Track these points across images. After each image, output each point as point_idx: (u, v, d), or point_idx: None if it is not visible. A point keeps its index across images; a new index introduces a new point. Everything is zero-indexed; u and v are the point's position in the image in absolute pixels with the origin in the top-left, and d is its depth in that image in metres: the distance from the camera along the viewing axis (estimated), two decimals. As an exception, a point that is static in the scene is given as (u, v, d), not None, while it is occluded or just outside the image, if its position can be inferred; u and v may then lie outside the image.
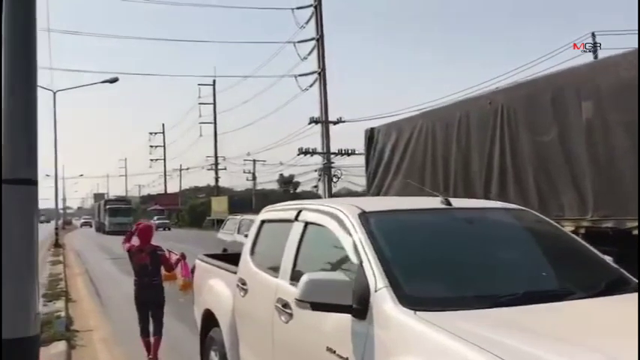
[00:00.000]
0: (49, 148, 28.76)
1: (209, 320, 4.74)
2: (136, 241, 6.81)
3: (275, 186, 67.11)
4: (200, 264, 5.46)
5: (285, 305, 3.25)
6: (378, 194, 7.65)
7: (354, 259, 2.77)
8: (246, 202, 60.92)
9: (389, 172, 7.39)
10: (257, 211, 19.33)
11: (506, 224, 3.17)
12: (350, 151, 33.94)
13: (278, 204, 4.42)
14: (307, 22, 32.78)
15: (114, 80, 27.10)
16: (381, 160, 7.59)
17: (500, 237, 3.06)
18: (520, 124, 5.33)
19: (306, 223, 3.46)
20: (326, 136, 33.35)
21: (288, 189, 63.48)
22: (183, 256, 7.10)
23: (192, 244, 29.37)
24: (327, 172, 33.45)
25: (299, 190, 63.61)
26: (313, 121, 33.15)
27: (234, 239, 14.54)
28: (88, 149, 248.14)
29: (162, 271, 6.76)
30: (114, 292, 12.71)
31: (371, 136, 7.88)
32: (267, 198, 63.55)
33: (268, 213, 4.32)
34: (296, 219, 3.57)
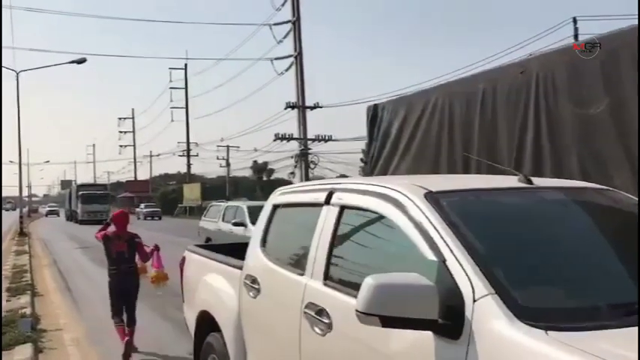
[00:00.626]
0: (13, 132, 27.21)
1: (206, 324, 3.96)
2: (111, 227, 6.66)
3: (248, 173, 66.06)
4: (191, 256, 4.65)
5: (320, 312, 2.51)
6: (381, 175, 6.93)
7: (427, 255, 2.03)
8: (220, 189, 59.82)
9: (396, 152, 6.65)
10: (231, 199, 18.25)
11: (604, 208, 2.48)
12: (327, 137, 33.35)
13: (295, 184, 3.64)
14: (283, 5, 31.77)
15: (81, 61, 25.68)
16: (387, 140, 6.84)
17: (604, 224, 2.37)
18: (560, 95, 4.65)
19: (342, 208, 2.70)
20: (302, 121, 32.56)
21: (261, 176, 62.50)
22: (156, 247, 6.81)
23: (172, 233, 28.27)
24: (303, 158, 32.68)
25: (273, 177, 62.70)
26: (289, 106, 32.32)
27: (219, 228, 13.67)
28: (54, 134, 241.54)
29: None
30: (85, 285, 11.76)
31: (374, 113, 7.12)
32: (238, 186, 62.68)
33: (283, 196, 3.53)
34: (327, 202, 2.82)
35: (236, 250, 4.36)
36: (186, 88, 52.29)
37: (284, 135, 33.45)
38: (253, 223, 12.16)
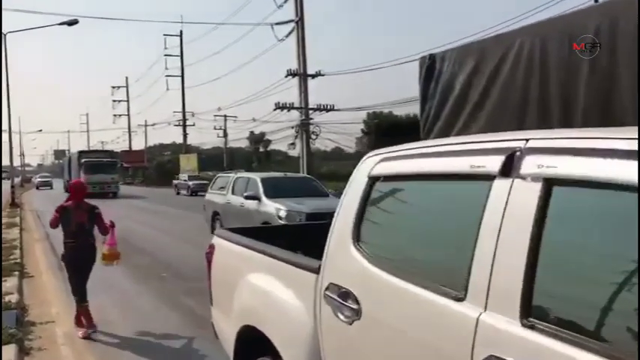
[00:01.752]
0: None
1: (253, 345, 2.74)
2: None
3: (245, 144, 64.57)
4: (224, 245, 3.39)
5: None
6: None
7: None
8: (216, 159, 58.34)
9: (462, 110, 5.31)
10: (229, 170, 16.54)
11: None
12: (329, 107, 31.95)
13: (410, 144, 2.28)
14: (284, -34, 29.96)
15: (73, 22, 23.93)
16: (448, 96, 5.47)
17: None
18: None
19: (550, 182, 1.45)
20: (304, 90, 31.11)
21: (258, 147, 61.05)
22: (112, 224, 6.41)
23: (174, 205, 26.99)
24: (304, 128, 31.31)
25: (270, 148, 61.28)
26: (290, 73, 30.81)
27: (228, 201, 12.38)
28: (47, 103, 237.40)
29: None
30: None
31: (430, 65, 5.74)
32: (234, 156, 61.22)
33: (388, 163, 2.21)
34: (505, 172, 1.56)
35: (273, 235, 3.16)
36: (181, 55, 50.31)
37: (284, 104, 32.01)
38: (268, 196, 10.95)
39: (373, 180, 2.21)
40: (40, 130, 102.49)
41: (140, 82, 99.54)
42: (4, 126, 26.77)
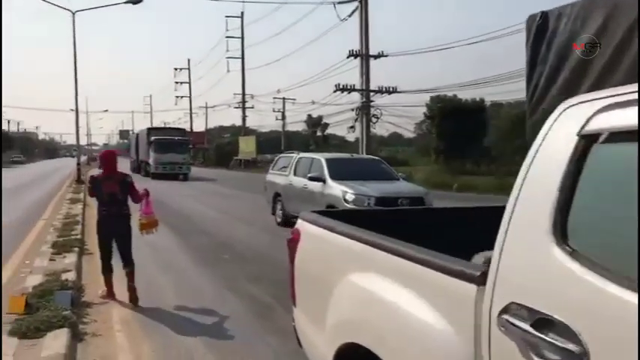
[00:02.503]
0: (71, 79, 25.86)
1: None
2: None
3: (301, 127, 64.13)
4: (316, 233, 2.61)
5: None
6: (551, 111, 4.57)
7: None
8: (273, 142, 58.20)
9: (584, 76, 4.27)
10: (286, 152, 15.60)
11: None
12: (392, 89, 30.81)
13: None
14: (349, -58, 28.87)
15: (137, 1, 23.88)
16: (564, 60, 4.43)
17: None
18: None
19: None
20: (365, 71, 30.09)
21: (315, 130, 60.42)
22: (147, 192, 6.37)
23: (235, 187, 26.74)
24: (365, 111, 30.33)
25: (327, 132, 60.58)
26: (352, 54, 29.84)
27: (290, 182, 11.71)
28: (112, 84, 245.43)
29: None
30: (142, 242, 10.17)
31: (542, 24, 4.74)
32: (291, 140, 60.83)
33: (618, 112, 1.32)
34: None
35: (369, 221, 2.38)
36: (242, 36, 50.06)
37: (345, 86, 31.10)
38: (333, 177, 10.20)
39: (589, 140, 1.36)
40: (106, 110, 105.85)
41: (202, 64, 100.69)
42: (74, 107, 27.17)
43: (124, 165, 46.57)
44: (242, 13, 50.25)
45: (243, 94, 49.66)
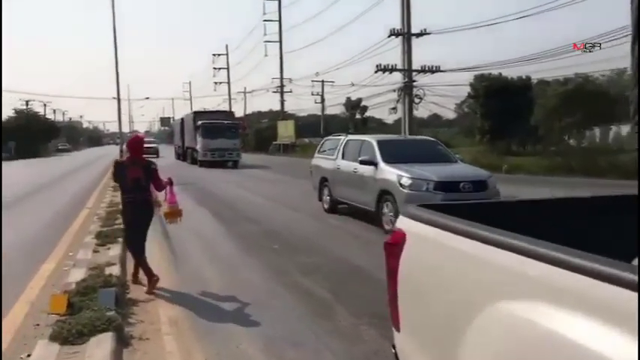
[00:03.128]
0: (111, 67, 25.76)
1: None
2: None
3: (339, 111, 63.17)
4: (435, 236, 1.95)
5: None
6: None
7: None
8: (311, 126, 57.53)
9: None
10: (326, 136, 14.91)
11: None
12: (435, 68, 29.66)
13: None
14: None
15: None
16: None
17: None
18: None
19: None
20: (408, 50, 29.08)
21: (354, 113, 59.42)
22: (170, 181, 6.36)
23: (277, 171, 26.30)
24: (408, 91, 29.33)
25: (366, 115, 59.48)
26: (393, 33, 28.84)
27: (337, 166, 11.08)
28: (152, 71, 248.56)
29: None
30: (185, 232, 9.78)
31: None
32: (329, 123, 60.04)
33: None
34: None
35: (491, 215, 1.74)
36: (279, 19, 49.38)
37: (386, 66, 30.11)
38: (386, 161, 9.51)
39: None
40: (148, 98, 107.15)
41: (240, 49, 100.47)
42: (116, 95, 27.15)
43: (166, 152, 45.22)
44: (279, -5, 49.46)
45: (282, 78, 49.14)
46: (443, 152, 10.19)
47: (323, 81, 47.56)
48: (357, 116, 59.90)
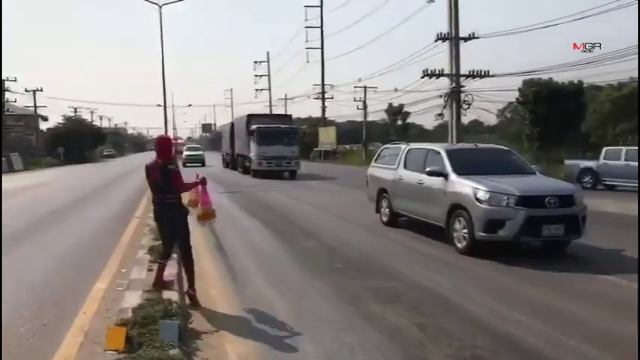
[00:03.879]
0: (155, 74, 25.68)
1: None
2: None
3: (378, 117, 62.20)
4: None
5: None
6: None
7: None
8: (351, 133, 56.72)
9: None
10: (367, 143, 13.67)
11: None
12: (483, 73, 28.52)
13: None
14: None
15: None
16: None
17: None
18: None
19: None
20: (456, 54, 27.99)
21: (396, 119, 58.37)
22: (203, 181, 6.10)
23: (323, 179, 25.57)
24: (455, 97, 28.27)
25: (412, 120, 58.38)
26: (440, 37, 27.84)
27: (399, 176, 10.27)
28: (195, 78, 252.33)
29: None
30: (239, 242, 9.15)
31: None
32: (369, 130, 59.19)
33: None
34: None
35: None
36: (321, 25, 48.93)
37: (433, 71, 29.12)
38: (458, 172, 8.65)
39: None
40: (190, 105, 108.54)
41: (281, 56, 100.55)
42: (160, 102, 27.07)
43: (212, 160, 43.81)
44: (321, 1, 49.05)
45: (323, 84, 48.62)
46: (518, 163, 9.26)
47: (365, 87, 46.74)
48: (399, 122, 58.85)
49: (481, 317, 5.20)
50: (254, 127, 27.45)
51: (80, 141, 57.42)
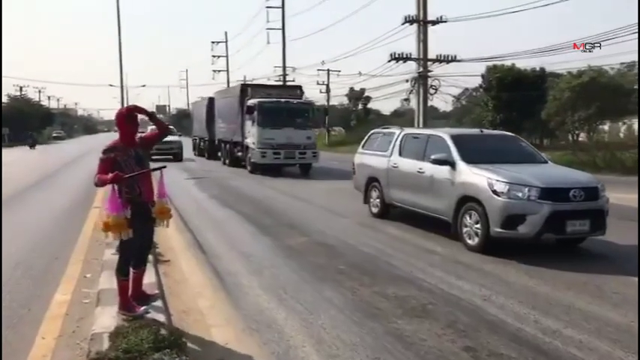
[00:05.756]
0: (111, 54, 23.78)
1: None
2: None
3: (340, 101, 61.24)
4: None
5: None
6: None
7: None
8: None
9: None
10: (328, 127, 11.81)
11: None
12: (450, 57, 27.95)
13: None
14: None
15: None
16: None
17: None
18: None
19: None
20: (423, 38, 27.32)
21: (357, 105, 57.58)
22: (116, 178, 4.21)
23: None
24: (422, 81, 27.60)
25: (370, 105, 57.68)
26: (408, 20, 27.03)
27: (394, 164, 9.24)
28: (149, 59, 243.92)
29: None
30: (216, 238, 7.99)
31: None
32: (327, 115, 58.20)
33: None
34: None
35: None
36: (283, 6, 47.16)
37: (400, 54, 28.32)
38: (466, 160, 7.74)
39: None
40: (144, 85, 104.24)
41: (240, 37, 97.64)
42: (114, 82, 25.13)
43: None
44: (282, -20, 47.05)
45: (284, 66, 46.99)
46: (529, 150, 8.45)
47: (329, 70, 45.57)
48: (359, 107, 58.13)
49: (535, 337, 4.32)
50: (254, 101, 19.19)
51: (27, 122, 53.99)
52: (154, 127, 4.96)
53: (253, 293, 5.44)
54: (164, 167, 4.73)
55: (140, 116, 4.64)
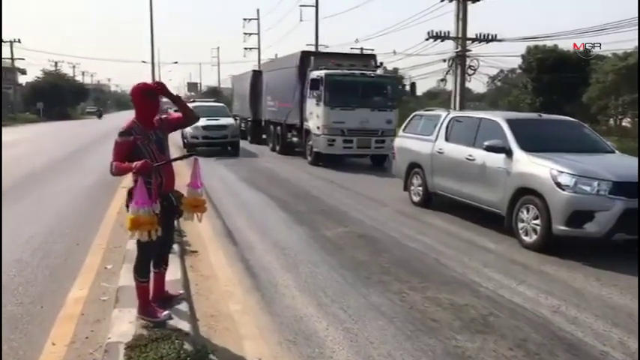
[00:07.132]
0: (141, 31, 23.39)
1: None
2: None
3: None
4: None
5: None
6: None
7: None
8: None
9: None
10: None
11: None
12: (491, 37, 26.66)
13: None
14: None
15: None
16: None
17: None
18: None
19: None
20: (463, 16, 26.05)
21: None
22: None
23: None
24: (460, 61, 26.42)
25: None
26: (448, -3, 25.79)
27: (440, 150, 8.48)
28: (181, 36, 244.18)
29: None
30: (247, 226, 7.36)
31: None
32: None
33: None
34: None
35: None
36: (316, -18, 45.91)
37: (438, 33, 27.15)
38: (524, 148, 6.95)
39: None
40: (176, 62, 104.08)
41: (273, 14, 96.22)
42: (146, 59, 24.76)
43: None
44: (316, -44, 45.73)
45: (317, 44, 45.93)
46: (593, 138, 7.59)
47: (362, 48, 44.24)
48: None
49: (626, 365, 3.61)
50: (319, 74, 14.85)
51: (61, 97, 54.45)
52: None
53: (289, 294, 4.83)
54: (194, 154, 4.14)
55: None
